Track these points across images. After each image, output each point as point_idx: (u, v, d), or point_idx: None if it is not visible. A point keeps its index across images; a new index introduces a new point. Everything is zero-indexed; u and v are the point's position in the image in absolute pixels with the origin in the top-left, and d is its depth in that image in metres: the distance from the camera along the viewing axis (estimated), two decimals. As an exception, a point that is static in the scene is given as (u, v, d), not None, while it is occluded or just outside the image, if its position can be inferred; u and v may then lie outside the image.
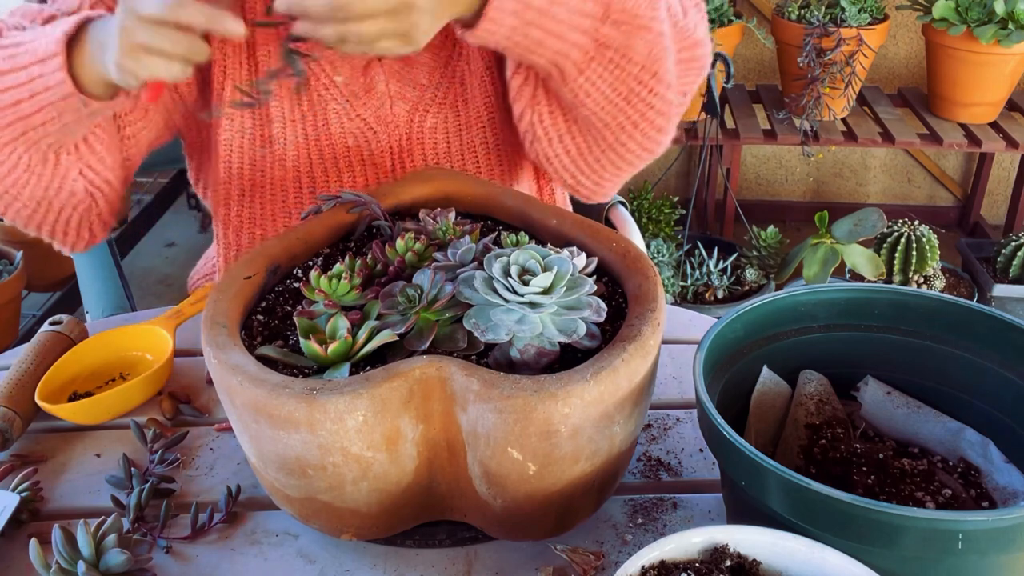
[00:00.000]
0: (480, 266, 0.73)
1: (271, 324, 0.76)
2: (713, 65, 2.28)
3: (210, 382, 0.96)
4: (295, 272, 0.83)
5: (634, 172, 1.05)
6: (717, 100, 2.32)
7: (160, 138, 1.07)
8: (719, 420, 0.66)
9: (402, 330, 0.70)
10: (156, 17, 0.77)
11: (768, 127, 2.61)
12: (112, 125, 0.98)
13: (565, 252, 0.75)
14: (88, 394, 0.92)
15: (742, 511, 0.72)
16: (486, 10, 0.81)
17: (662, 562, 0.62)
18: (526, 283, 0.70)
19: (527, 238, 0.79)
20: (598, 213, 1.35)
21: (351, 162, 1.07)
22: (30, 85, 0.84)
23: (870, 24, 2.47)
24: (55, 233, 1.02)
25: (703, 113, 2.38)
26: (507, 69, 1.00)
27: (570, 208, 1.27)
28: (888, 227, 2.32)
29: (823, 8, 2.48)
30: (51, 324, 0.98)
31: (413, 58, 1.06)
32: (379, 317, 0.72)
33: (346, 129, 1.05)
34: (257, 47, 1.03)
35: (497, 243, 0.79)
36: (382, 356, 0.71)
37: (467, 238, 0.79)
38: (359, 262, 0.77)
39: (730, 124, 2.66)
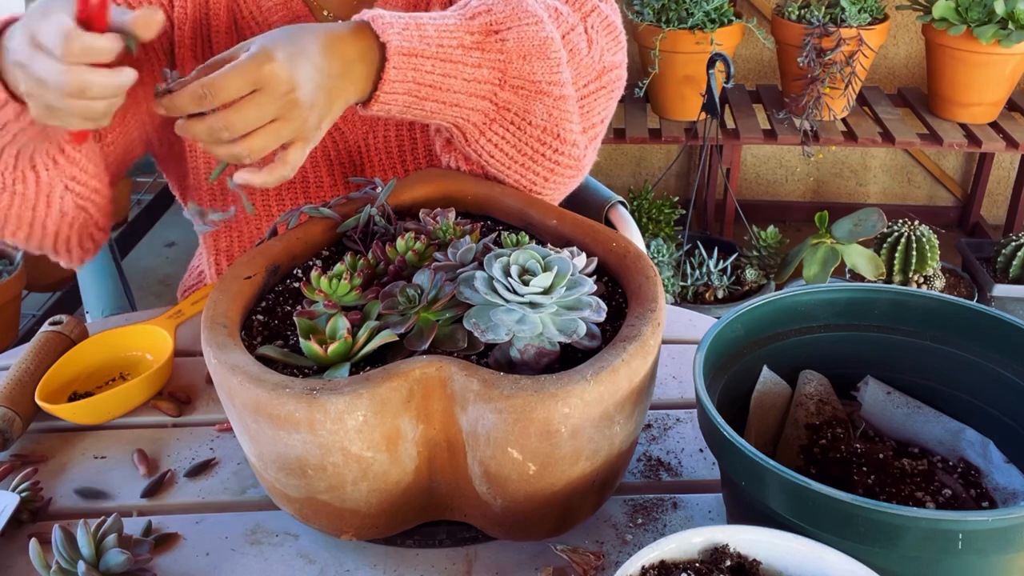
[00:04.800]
0: (480, 266, 0.73)
1: (271, 324, 0.76)
2: (713, 65, 2.28)
3: (210, 382, 0.96)
4: (295, 272, 0.83)
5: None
6: (717, 100, 2.31)
7: (134, 150, 1.05)
8: (719, 420, 0.66)
9: (402, 330, 0.70)
10: (56, 89, 0.71)
11: (768, 127, 2.61)
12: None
13: (565, 252, 0.75)
14: (88, 394, 0.92)
15: (742, 511, 0.72)
16: (376, 94, 0.79)
17: (662, 562, 0.62)
18: (526, 283, 0.70)
19: (527, 238, 0.79)
20: (598, 213, 1.35)
21: (317, 162, 1.06)
22: None
23: (870, 24, 2.47)
24: (57, 251, 1.00)
25: (703, 113, 2.38)
26: None
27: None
28: (888, 227, 2.32)
29: (823, 8, 2.48)
30: (51, 324, 0.98)
31: None
32: (379, 317, 0.72)
33: None
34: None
35: (497, 243, 0.79)
36: (382, 356, 0.71)
37: (467, 238, 0.79)
38: (361, 261, 0.77)
39: (730, 124, 2.66)
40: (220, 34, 1.01)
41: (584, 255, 0.76)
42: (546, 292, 0.70)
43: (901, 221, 2.35)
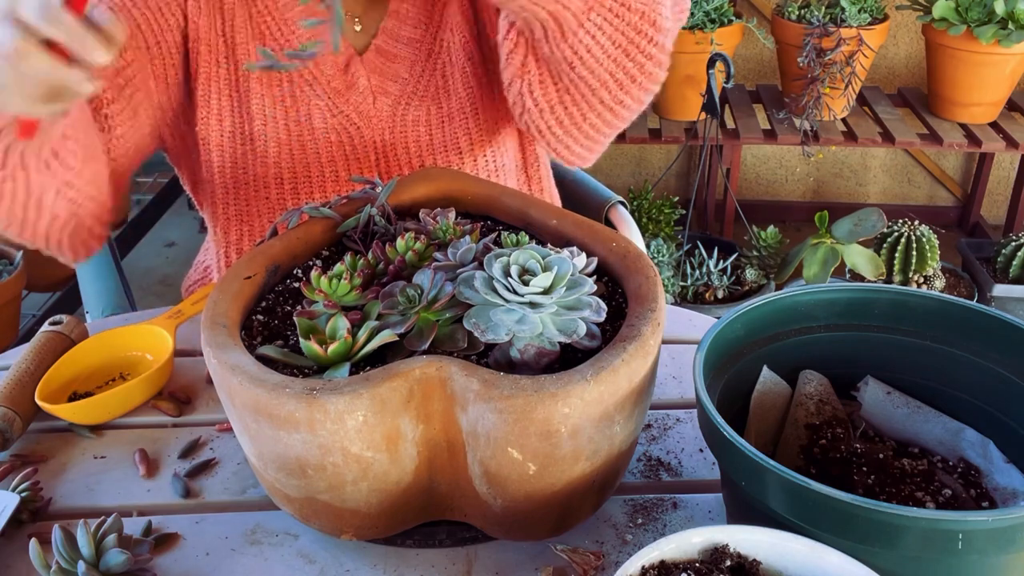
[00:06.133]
0: (480, 266, 0.73)
1: (271, 324, 0.76)
2: (713, 65, 2.28)
3: (210, 382, 0.96)
4: (295, 272, 0.83)
5: (623, 128, 1.01)
6: (717, 100, 2.31)
7: (146, 145, 1.05)
8: (719, 420, 0.66)
9: (402, 330, 0.70)
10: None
11: (768, 127, 2.61)
12: (91, 130, 0.93)
13: (565, 252, 0.75)
14: (88, 394, 0.92)
15: (742, 511, 0.72)
16: None
17: (662, 562, 0.62)
18: (526, 283, 0.70)
19: (527, 238, 0.79)
20: (598, 213, 1.35)
21: (333, 157, 1.07)
22: None
23: (870, 24, 2.47)
24: (50, 250, 0.98)
25: (703, 113, 2.38)
26: (499, 32, 0.95)
27: (558, 201, 1.27)
28: (888, 227, 2.32)
29: (823, 8, 2.48)
30: (51, 324, 0.98)
31: (394, 52, 1.06)
32: (379, 317, 0.72)
33: (329, 125, 1.06)
34: (237, 49, 1.03)
35: (497, 243, 0.79)
36: (382, 356, 0.71)
37: (467, 238, 0.79)
38: (361, 261, 0.77)
39: (730, 124, 2.66)
40: (235, 27, 1.03)
41: (584, 255, 0.76)
42: (546, 292, 0.70)
43: (901, 221, 2.35)
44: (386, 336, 0.70)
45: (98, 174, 0.96)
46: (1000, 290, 2.43)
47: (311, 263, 0.84)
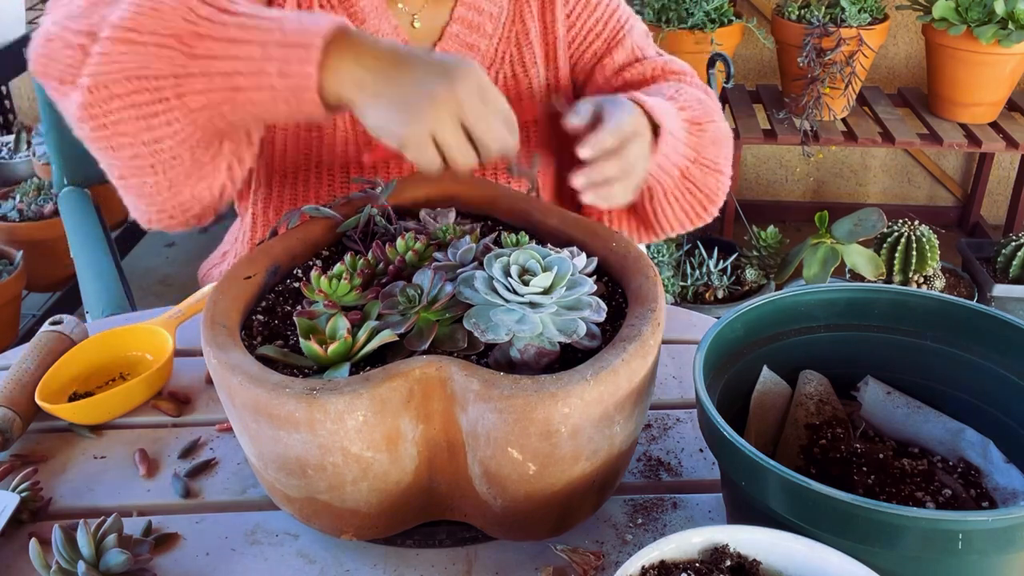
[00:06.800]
0: (480, 266, 0.73)
1: (271, 324, 0.76)
2: (713, 65, 2.28)
3: (210, 382, 0.96)
4: (295, 272, 0.83)
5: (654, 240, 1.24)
6: (717, 100, 2.31)
7: None
8: (719, 420, 0.66)
9: (402, 330, 0.70)
10: (474, 128, 0.79)
11: (768, 127, 2.60)
12: None
13: (565, 252, 0.75)
14: (88, 394, 0.92)
15: (742, 511, 0.72)
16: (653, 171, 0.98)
17: (662, 562, 0.62)
18: (526, 283, 0.70)
19: (527, 238, 0.79)
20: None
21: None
22: (261, 63, 0.77)
23: (870, 24, 2.47)
24: (172, 215, 0.93)
25: (703, 113, 2.38)
26: None
27: None
28: (888, 227, 2.32)
29: (823, 8, 2.48)
30: (51, 324, 0.98)
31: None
32: (379, 317, 0.72)
33: None
34: None
35: (497, 243, 0.79)
36: (382, 356, 0.71)
37: (467, 238, 0.79)
38: (361, 261, 0.77)
39: (730, 124, 2.66)
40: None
41: (584, 255, 0.76)
42: (546, 292, 0.70)
43: (901, 221, 2.35)
44: (386, 336, 0.70)
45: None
46: (1000, 290, 2.43)
47: (311, 263, 0.84)
